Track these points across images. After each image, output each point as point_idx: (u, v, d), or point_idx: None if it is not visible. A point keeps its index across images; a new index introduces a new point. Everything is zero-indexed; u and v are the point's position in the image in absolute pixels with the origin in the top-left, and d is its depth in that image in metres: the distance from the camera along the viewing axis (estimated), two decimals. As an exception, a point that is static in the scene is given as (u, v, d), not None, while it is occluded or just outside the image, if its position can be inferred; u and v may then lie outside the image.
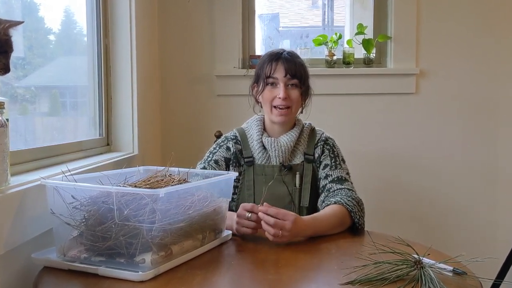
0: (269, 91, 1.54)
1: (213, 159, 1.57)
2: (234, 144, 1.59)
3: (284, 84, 1.51)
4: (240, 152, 1.58)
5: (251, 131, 1.60)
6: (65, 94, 1.84)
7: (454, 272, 1.04)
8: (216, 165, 1.56)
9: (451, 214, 2.49)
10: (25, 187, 1.08)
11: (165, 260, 1.03)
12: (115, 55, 1.93)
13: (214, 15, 2.40)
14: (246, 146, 1.58)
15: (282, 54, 1.54)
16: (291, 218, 1.22)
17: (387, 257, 1.04)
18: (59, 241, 1.06)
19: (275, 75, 1.52)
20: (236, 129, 1.64)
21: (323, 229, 1.33)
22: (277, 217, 1.22)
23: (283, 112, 1.52)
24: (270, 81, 1.53)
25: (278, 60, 1.53)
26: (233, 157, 1.57)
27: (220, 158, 1.57)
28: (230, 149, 1.58)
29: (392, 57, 2.44)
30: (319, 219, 1.33)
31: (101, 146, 1.87)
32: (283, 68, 1.51)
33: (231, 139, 1.60)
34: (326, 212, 1.38)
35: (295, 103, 1.54)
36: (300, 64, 1.54)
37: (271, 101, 1.53)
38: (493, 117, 2.47)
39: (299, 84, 1.53)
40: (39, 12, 1.58)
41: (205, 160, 1.58)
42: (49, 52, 1.68)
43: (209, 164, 1.56)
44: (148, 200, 0.98)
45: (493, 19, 2.44)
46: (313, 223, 1.30)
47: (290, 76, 1.51)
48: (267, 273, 1.06)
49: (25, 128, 1.53)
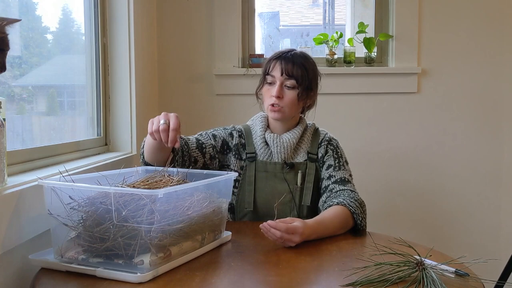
0: (267, 89, 1.56)
1: (212, 133, 1.61)
2: (238, 136, 1.61)
3: (280, 83, 1.52)
4: (243, 146, 1.59)
5: (255, 127, 1.62)
6: (63, 93, 1.84)
7: (456, 274, 1.04)
8: (213, 138, 1.59)
9: (454, 214, 2.49)
10: (22, 187, 1.08)
11: (164, 262, 1.03)
12: (113, 54, 1.94)
13: (214, 13, 2.40)
14: (249, 142, 1.60)
15: (285, 53, 1.55)
16: (299, 231, 1.22)
17: (389, 258, 1.04)
18: (56, 242, 1.06)
19: (272, 73, 1.54)
20: (242, 125, 1.66)
21: (327, 232, 1.33)
22: (286, 232, 1.21)
23: (275, 109, 1.53)
24: (269, 79, 1.55)
25: (278, 59, 1.54)
26: (233, 146, 1.59)
27: (219, 136, 1.60)
28: (233, 136, 1.61)
29: (393, 56, 2.44)
30: (324, 223, 1.33)
31: (99, 146, 1.87)
32: (280, 67, 1.52)
33: (237, 130, 1.63)
34: (330, 215, 1.38)
35: (289, 104, 1.53)
36: (301, 65, 1.53)
37: (268, 98, 1.55)
38: (497, 116, 2.47)
39: (296, 85, 1.53)
40: (36, 10, 1.58)
41: (205, 131, 1.62)
42: (46, 51, 1.68)
43: (206, 134, 1.60)
44: (146, 201, 0.98)
45: (496, 17, 2.44)
46: (318, 228, 1.30)
47: (286, 76, 1.52)
48: (267, 275, 1.06)
49: (22, 127, 1.53)
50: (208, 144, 1.56)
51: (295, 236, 1.22)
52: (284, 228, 1.20)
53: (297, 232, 1.22)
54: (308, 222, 1.29)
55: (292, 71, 1.52)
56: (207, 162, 1.55)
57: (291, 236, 1.21)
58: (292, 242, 1.22)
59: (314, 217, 1.35)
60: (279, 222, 1.21)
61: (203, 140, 1.56)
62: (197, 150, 1.53)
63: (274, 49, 2.72)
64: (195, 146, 1.53)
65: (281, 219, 1.24)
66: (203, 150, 1.54)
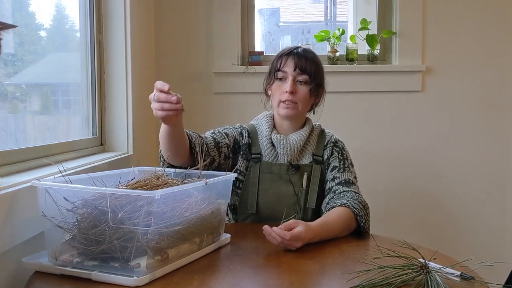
0: (278, 85, 1.55)
1: (225, 132, 1.58)
2: (247, 136, 1.60)
3: (293, 79, 1.52)
4: (249, 147, 1.59)
5: (261, 127, 1.61)
6: (57, 92, 1.84)
7: (461, 277, 1.04)
8: (226, 136, 1.56)
9: (458, 216, 2.49)
10: (16, 188, 1.08)
11: (161, 265, 1.03)
12: (109, 51, 1.93)
13: (212, 9, 2.40)
14: (255, 142, 1.59)
15: (296, 49, 1.56)
16: (302, 236, 1.22)
17: (392, 261, 1.04)
18: (50, 244, 1.06)
19: (284, 69, 1.54)
20: (247, 125, 1.65)
21: (330, 234, 1.33)
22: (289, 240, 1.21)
23: (289, 106, 1.52)
24: (280, 75, 1.55)
25: (290, 54, 1.55)
26: (243, 145, 1.59)
27: (231, 135, 1.58)
28: (243, 136, 1.60)
29: (397, 54, 2.44)
30: (327, 225, 1.33)
31: (95, 146, 1.87)
32: (293, 63, 1.53)
33: (246, 129, 1.62)
34: (333, 217, 1.38)
35: (303, 100, 1.54)
36: (313, 61, 1.55)
37: (279, 95, 1.54)
38: (503, 116, 2.47)
39: (309, 80, 1.53)
40: (29, 7, 1.58)
41: (216, 130, 1.59)
42: (40, 48, 1.68)
43: (219, 132, 1.57)
44: (143, 202, 0.98)
45: (502, 13, 2.44)
46: (321, 231, 1.30)
47: (299, 71, 1.52)
48: (268, 278, 1.06)
49: (16, 127, 1.53)
50: (223, 143, 1.53)
51: (297, 242, 1.22)
52: (288, 237, 1.20)
53: (300, 238, 1.22)
54: (311, 225, 1.29)
55: (305, 66, 1.52)
56: (222, 162, 1.52)
57: (292, 242, 1.22)
58: (293, 246, 1.23)
59: (318, 220, 1.35)
60: (283, 231, 1.21)
61: (218, 139, 1.53)
62: (215, 149, 1.50)
63: (274, 46, 2.72)
64: (213, 145, 1.50)
65: (285, 223, 1.24)
66: (220, 149, 1.51)
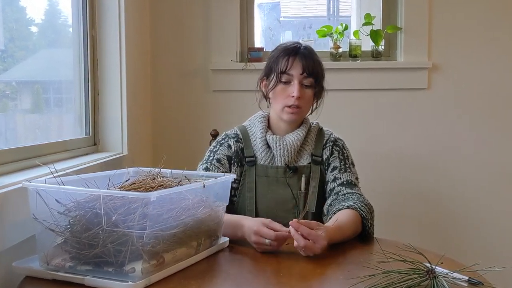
0: (282, 88, 1.52)
1: (215, 158, 1.56)
2: (235, 142, 1.58)
3: (299, 82, 1.50)
4: (242, 151, 1.57)
5: (254, 128, 1.59)
6: (49, 89, 1.84)
7: (469, 282, 1.04)
8: (219, 164, 1.55)
9: (466, 219, 2.49)
10: (6, 190, 1.08)
11: (156, 269, 1.03)
12: (102, 48, 1.93)
13: (211, 4, 2.40)
14: (248, 145, 1.58)
15: (300, 49, 1.52)
16: (322, 242, 1.19)
17: (397, 266, 1.04)
18: (42, 248, 1.06)
19: (291, 72, 1.50)
20: (237, 127, 1.63)
21: (341, 238, 1.32)
22: (308, 238, 1.18)
23: (294, 111, 1.51)
24: (284, 78, 1.51)
25: (296, 55, 1.50)
26: (234, 155, 1.56)
27: (223, 156, 1.56)
28: (231, 147, 1.57)
29: (402, 50, 2.44)
30: (341, 230, 1.31)
31: (88, 145, 1.87)
32: (301, 65, 1.49)
33: (232, 137, 1.60)
34: (345, 220, 1.36)
35: (307, 103, 1.54)
36: (318, 62, 1.53)
37: (283, 99, 1.51)
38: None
39: (314, 83, 1.52)
40: (20, 1, 1.58)
41: (206, 160, 1.57)
42: (31, 44, 1.68)
43: (211, 164, 1.55)
44: (138, 204, 0.98)
45: (510, 9, 2.44)
46: (335, 236, 1.28)
47: (306, 75, 1.50)
48: (267, 283, 1.06)
49: (6, 126, 1.53)
50: None
51: (318, 248, 1.19)
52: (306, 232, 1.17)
53: (319, 242, 1.19)
54: (330, 229, 1.26)
55: (312, 68, 1.50)
56: (233, 186, 1.52)
57: (314, 247, 1.18)
58: (314, 252, 1.19)
59: (332, 223, 1.31)
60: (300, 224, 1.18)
61: None
62: None
63: (274, 42, 2.72)
64: None
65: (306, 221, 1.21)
66: None
